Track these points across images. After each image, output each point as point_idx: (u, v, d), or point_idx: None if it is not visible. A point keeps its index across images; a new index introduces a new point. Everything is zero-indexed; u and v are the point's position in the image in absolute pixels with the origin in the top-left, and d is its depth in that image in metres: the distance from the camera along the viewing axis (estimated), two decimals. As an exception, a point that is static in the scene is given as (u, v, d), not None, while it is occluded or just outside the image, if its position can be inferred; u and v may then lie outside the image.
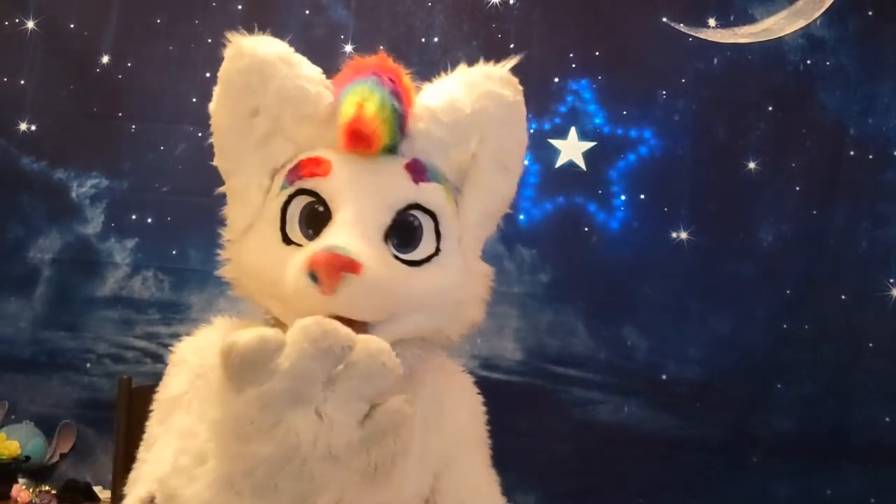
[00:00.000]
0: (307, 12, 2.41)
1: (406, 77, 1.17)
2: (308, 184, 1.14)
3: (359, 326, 1.08)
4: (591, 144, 2.42)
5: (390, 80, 1.14)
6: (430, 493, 1.22)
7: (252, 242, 1.16)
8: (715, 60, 2.45)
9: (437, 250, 1.17)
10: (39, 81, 2.41)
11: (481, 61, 1.24)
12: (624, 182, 2.42)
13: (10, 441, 2.18)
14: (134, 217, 2.39)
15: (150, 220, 2.39)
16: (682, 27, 2.45)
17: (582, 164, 2.41)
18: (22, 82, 2.40)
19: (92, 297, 2.38)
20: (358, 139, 1.10)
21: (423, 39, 2.43)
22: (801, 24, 2.44)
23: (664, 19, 2.45)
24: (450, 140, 1.19)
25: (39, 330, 2.36)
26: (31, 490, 2.12)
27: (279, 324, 1.20)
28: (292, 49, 1.15)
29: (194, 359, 1.16)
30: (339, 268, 1.02)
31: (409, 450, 1.16)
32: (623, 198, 2.42)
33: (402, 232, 1.14)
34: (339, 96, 1.14)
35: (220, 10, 2.42)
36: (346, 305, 1.06)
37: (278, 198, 1.15)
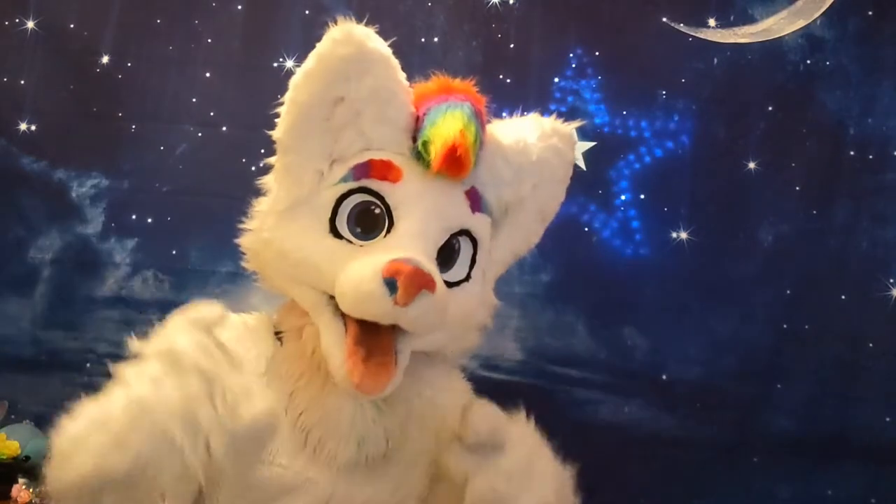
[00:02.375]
0: (307, 12, 2.41)
1: (485, 107, 1.20)
2: (375, 185, 1.15)
3: (388, 333, 1.10)
4: (591, 144, 2.42)
5: (479, 110, 1.17)
6: (429, 493, 1.23)
7: (295, 224, 1.16)
8: (715, 60, 2.45)
9: (468, 277, 1.19)
10: (39, 81, 2.41)
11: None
12: (624, 182, 2.43)
13: (10, 441, 2.18)
14: (134, 217, 2.39)
15: (150, 220, 2.39)
16: (682, 27, 2.45)
17: (582, 164, 2.41)
18: (22, 82, 2.40)
19: (92, 297, 2.38)
20: (454, 163, 1.12)
21: (423, 39, 2.42)
22: (801, 24, 2.44)
23: (664, 19, 2.45)
24: (509, 179, 1.24)
25: (39, 330, 2.36)
26: (31, 490, 2.12)
27: (286, 314, 1.21)
28: (391, 50, 1.17)
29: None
30: (421, 283, 1.04)
31: (403, 450, 1.17)
32: (623, 198, 2.42)
33: (443, 252, 1.16)
34: (427, 112, 1.16)
35: (220, 10, 2.41)
36: (414, 320, 1.08)
37: (335, 188, 1.16)
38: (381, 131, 1.16)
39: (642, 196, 2.42)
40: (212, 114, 2.29)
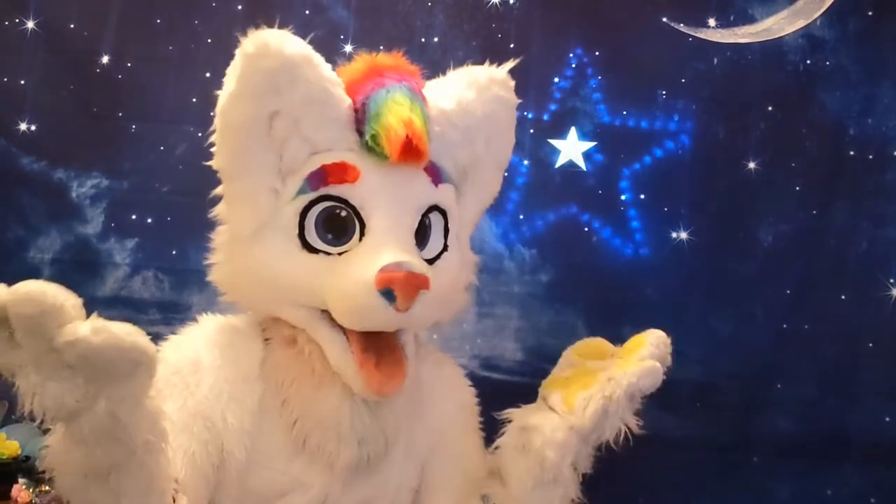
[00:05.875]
0: (307, 12, 2.41)
1: (421, 79, 1.19)
2: (336, 190, 1.12)
3: (391, 331, 1.12)
4: (590, 144, 2.42)
5: (417, 87, 1.15)
6: (420, 481, 1.24)
7: (263, 248, 1.14)
8: (715, 60, 2.44)
9: (446, 247, 1.19)
10: (39, 81, 2.40)
11: (486, 63, 1.26)
12: (624, 182, 2.42)
13: (10, 441, 2.18)
14: (134, 217, 2.39)
15: (150, 220, 2.39)
16: (682, 27, 2.45)
17: (582, 164, 2.41)
18: (22, 82, 2.40)
19: (92, 297, 2.35)
20: (412, 153, 1.10)
21: (423, 39, 2.42)
22: (801, 24, 2.44)
23: (664, 19, 2.45)
24: (460, 142, 1.22)
25: (40, 330, 2.36)
26: (31, 490, 2.12)
27: (274, 324, 1.20)
28: (310, 46, 1.14)
29: (173, 356, 1.18)
30: (417, 285, 1.04)
31: (396, 442, 1.17)
32: (623, 198, 2.42)
33: (417, 232, 1.16)
34: (365, 101, 1.12)
35: (221, 10, 2.41)
36: (418, 320, 1.09)
37: (294, 203, 1.13)
38: (324, 133, 1.13)
39: (642, 196, 2.42)
40: (212, 114, 2.29)
